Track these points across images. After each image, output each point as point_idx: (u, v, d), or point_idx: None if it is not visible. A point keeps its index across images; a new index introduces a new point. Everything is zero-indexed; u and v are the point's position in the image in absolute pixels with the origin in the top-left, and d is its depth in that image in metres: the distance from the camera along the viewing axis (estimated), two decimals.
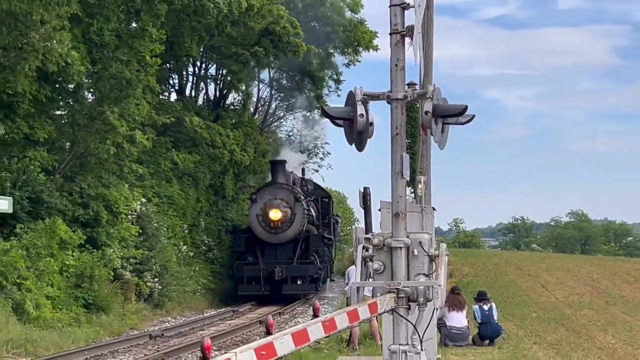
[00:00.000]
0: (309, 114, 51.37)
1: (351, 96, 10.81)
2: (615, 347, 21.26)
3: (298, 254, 34.66)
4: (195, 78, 44.68)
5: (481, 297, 19.00)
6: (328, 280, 40.63)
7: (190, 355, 16.45)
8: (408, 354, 10.31)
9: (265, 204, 34.26)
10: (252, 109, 51.07)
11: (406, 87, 10.69)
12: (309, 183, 42.52)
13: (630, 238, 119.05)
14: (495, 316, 18.67)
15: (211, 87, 46.34)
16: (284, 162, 37.44)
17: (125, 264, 27.73)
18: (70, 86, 28.52)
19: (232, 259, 37.06)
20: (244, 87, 47.40)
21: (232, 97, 48.20)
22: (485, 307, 18.56)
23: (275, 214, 33.93)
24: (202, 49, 41.41)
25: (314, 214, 38.34)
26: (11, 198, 20.92)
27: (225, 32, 37.14)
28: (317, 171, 55.40)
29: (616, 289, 36.32)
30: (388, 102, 10.67)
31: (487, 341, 18.10)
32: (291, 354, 9.69)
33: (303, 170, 42.76)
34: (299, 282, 34.02)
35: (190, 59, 41.62)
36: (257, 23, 37.71)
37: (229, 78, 43.79)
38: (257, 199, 34.63)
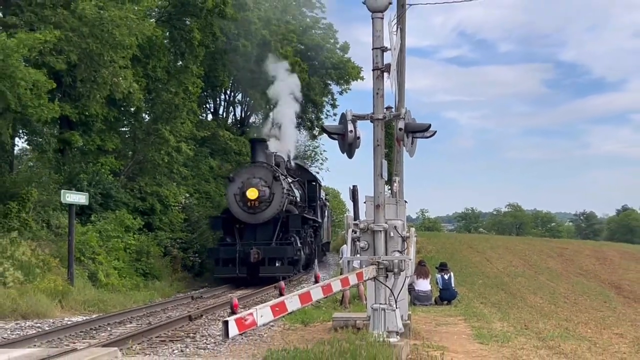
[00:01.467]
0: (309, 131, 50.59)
1: (343, 117, 10.80)
2: (542, 305, 21.27)
3: (277, 235, 25.47)
4: (226, 103, 44.57)
5: (442, 268, 18.89)
6: (316, 261, 30.77)
7: (222, 312, 16.40)
8: (386, 311, 10.29)
9: (243, 183, 25.11)
10: (268, 127, 50.79)
11: (385, 110, 10.67)
12: (292, 164, 32.69)
13: (553, 224, 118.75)
14: (452, 283, 18.59)
15: (238, 110, 46.27)
16: (264, 140, 28.58)
17: (173, 243, 27.65)
18: (132, 109, 28.59)
19: None
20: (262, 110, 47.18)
21: (254, 117, 48.06)
22: (446, 276, 18.49)
23: (252, 193, 24.90)
24: (231, 81, 41.27)
25: (297, 195, 29.08)
26: (87, 193, 20.91)
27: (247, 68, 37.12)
28: (317, 173, 54.98)
29: (543, 262, 36.31)
30: (371, 121, 10.66)
31: (445, 302, 18.06)
32: (298, 310, 9.71)
33: (288, 152, 32.94)
34: (277, 264, 24.80)
35: (222, 89, 41.45)
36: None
37: (252, 102, 43.53)
38: (235, 177, 25.49)
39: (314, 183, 33.74)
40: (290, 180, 28.65)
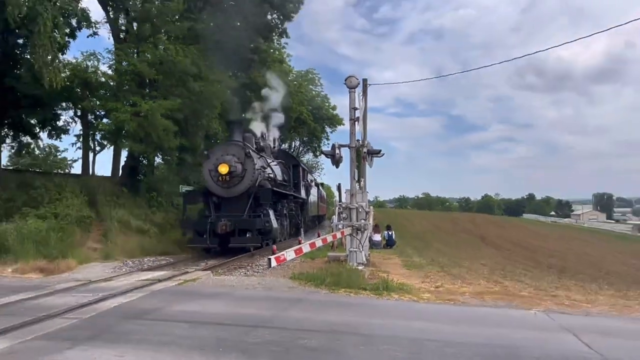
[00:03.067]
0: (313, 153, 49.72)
1: (333, 146, 10.83)
2: (444, 250, 21.17)
3: (249, 208, 15.38)
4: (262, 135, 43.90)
5: (388, 228, 18.85)
6: (302, 230, 21.33)
7: (267, 252, 16.20)
8: (356, 252, 10.30)
9: (217, 159, 15.47)
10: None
11: (356, 141, 10.68)
12: (277, 149, 22.55)
13: (447, 203, 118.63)
14: (393, 236, 18.51)
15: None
16: (240, 121, 18.74)
17: None
18: (217, 141, 27.96)
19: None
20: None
21: (285, 145, 47.53)
22: (390, 232, 18.43)
23: (223, 168, 15.28)
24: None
25: (278, 174, 18.92)
26: (193, 187, 20.85)
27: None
28: (319, 175, 54.19)
29: (442, 225, 36.24)
30: (349, 148, 10.68)
31: (389, 247, 17.97)
32: (308, 252, 9.72)
33: (274, 140, 23.09)
34: (247, 235, 14.82)
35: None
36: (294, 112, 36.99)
37: (282, 136, 42.87)
38: (210, 155, 15.89)
39: (297, 167, 22.88)
40: (270, 161, 19.09)
